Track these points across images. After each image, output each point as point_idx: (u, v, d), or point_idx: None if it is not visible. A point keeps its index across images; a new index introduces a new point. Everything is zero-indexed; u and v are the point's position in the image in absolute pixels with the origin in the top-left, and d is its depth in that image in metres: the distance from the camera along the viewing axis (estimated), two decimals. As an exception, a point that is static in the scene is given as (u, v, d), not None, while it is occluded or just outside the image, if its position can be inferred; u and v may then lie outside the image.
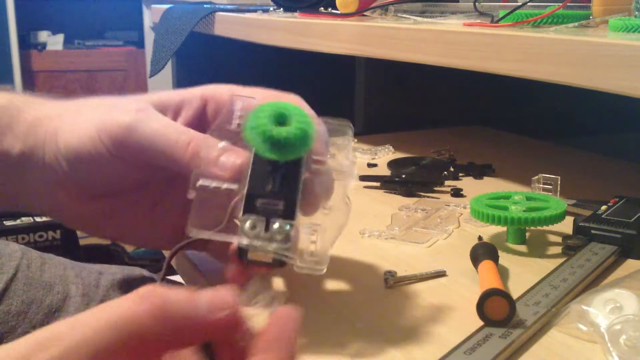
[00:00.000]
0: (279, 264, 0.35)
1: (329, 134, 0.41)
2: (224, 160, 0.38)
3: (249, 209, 0.35)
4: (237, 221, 0.35)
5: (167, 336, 0.26)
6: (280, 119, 0.35)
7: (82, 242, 1.43)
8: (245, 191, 0.35)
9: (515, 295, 0.42)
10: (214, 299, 0.27)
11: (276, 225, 0.34)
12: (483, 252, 0.47)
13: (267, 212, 0.35)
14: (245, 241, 0.34)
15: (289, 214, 0.35)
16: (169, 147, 0.40)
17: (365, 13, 0.83)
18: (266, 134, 0.34)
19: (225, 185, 0.37)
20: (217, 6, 1.14)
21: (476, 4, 0.70)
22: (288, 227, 0.34)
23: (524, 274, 0.48)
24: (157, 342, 0.26)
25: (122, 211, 0.45)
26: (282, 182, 0.35)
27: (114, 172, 0.43)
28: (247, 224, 0.34)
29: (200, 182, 0.37)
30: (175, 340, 0.27)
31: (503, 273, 0.47)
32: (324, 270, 0.36)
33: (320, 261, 0.36)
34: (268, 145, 0.35)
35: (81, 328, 0.25)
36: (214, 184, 0.37)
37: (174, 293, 0.26)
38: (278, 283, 0.45)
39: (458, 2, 0.81)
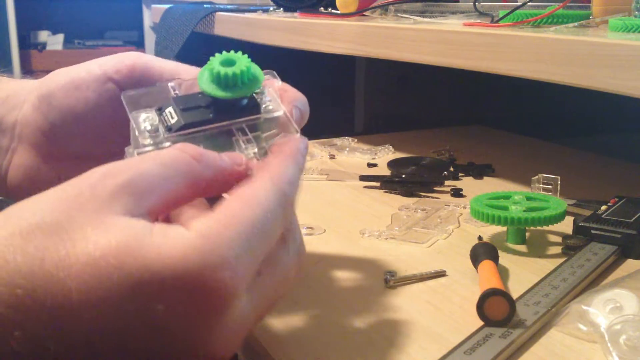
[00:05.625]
0: None
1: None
2: None
3: (160, 108, 0.36)
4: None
5: (208, 177, 0.31)
6: (229, 63, 0.36)
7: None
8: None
9: (515, 295, 0.42)
10: (232, 156, 0.33)
11: (154, 126, 0.35)
12: (483, 252, 0.47)
13: (165, 118, 0.36)
14: (132, 120, 0.36)
15: (172, 129, 0.35)
16: (175, 65, 0.43)
17: (365, 13, 0.83)
18: (213, 72, 0.35)
19: None
20: (217, 6, 1.14)
21: (476, 4, 0.70)
22: (162, 130, 0.35)
23: (524, 274, 0.48)
24: (200, 182, 0.31)
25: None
26: (202, 112, 0.36)
27: (103, 114, 0.42)
28: (144, 114, 0.36)
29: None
30: (212, 182, 0.31)
31: (503, 273, 0.48)
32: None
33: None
34: (216, 84, 0.36)
35: (139, 164, 0.29)
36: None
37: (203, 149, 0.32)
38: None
39: (458, 2, 0.81)
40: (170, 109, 0.36)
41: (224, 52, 0.36)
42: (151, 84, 0.41)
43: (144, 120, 0.35)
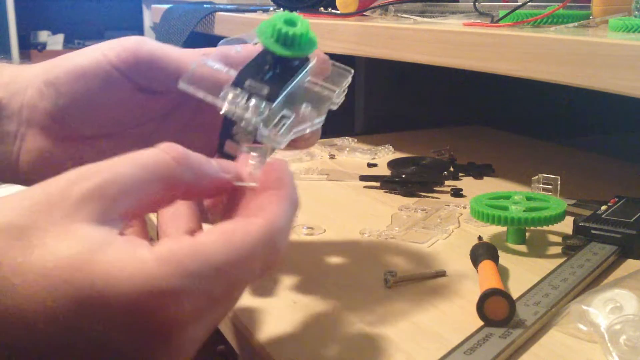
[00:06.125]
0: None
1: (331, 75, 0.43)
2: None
3: (237, 83, 0.37)
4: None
5: (188, 181, 0.30)
6: (291, 23, 0.38)
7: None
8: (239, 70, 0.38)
9: (515, 295, 0.42)
10: (222, 163, 0.32)
11: (254, 101, 0.36)
12: (483, 252, 0.47)
13: (251, 90, 0.37)
14: (225, 107, 0.36)
15: (271, 98, 0.36)
16: (179, 54, 0.42)
17: (365, 13, 0.84)
18: (276, 28, 0.37)
19: (227, 69, 0.39)
20: (217, 6, 1.14)
21: (476, 4, 0.70)
22: (264, 104, 0.36)
23: (524, 274, 0.48)
24: (179, 186, 0.30)
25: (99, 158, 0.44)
26: (279, 75, 0.38)
27: (112, 99, 0.42)
28: (230, 94, 0.36)
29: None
30: (193, 187, 0.30)
31: (503, 273, 0.48)
32: (282, 146, 0.37)
33: (280, 140, 0.37)
34: (276, 40, 0.37)
35: (115, 166, 0.28)
36: (216, 65, 0.40)
37: (191, 151, 0.30)
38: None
39: (458, 2, 0.81)
40: (249, 82, 0.37)
41: (286, 12, 0.39)
42: (156, 72, 0.42)
43: (236, 97, 0.37)
